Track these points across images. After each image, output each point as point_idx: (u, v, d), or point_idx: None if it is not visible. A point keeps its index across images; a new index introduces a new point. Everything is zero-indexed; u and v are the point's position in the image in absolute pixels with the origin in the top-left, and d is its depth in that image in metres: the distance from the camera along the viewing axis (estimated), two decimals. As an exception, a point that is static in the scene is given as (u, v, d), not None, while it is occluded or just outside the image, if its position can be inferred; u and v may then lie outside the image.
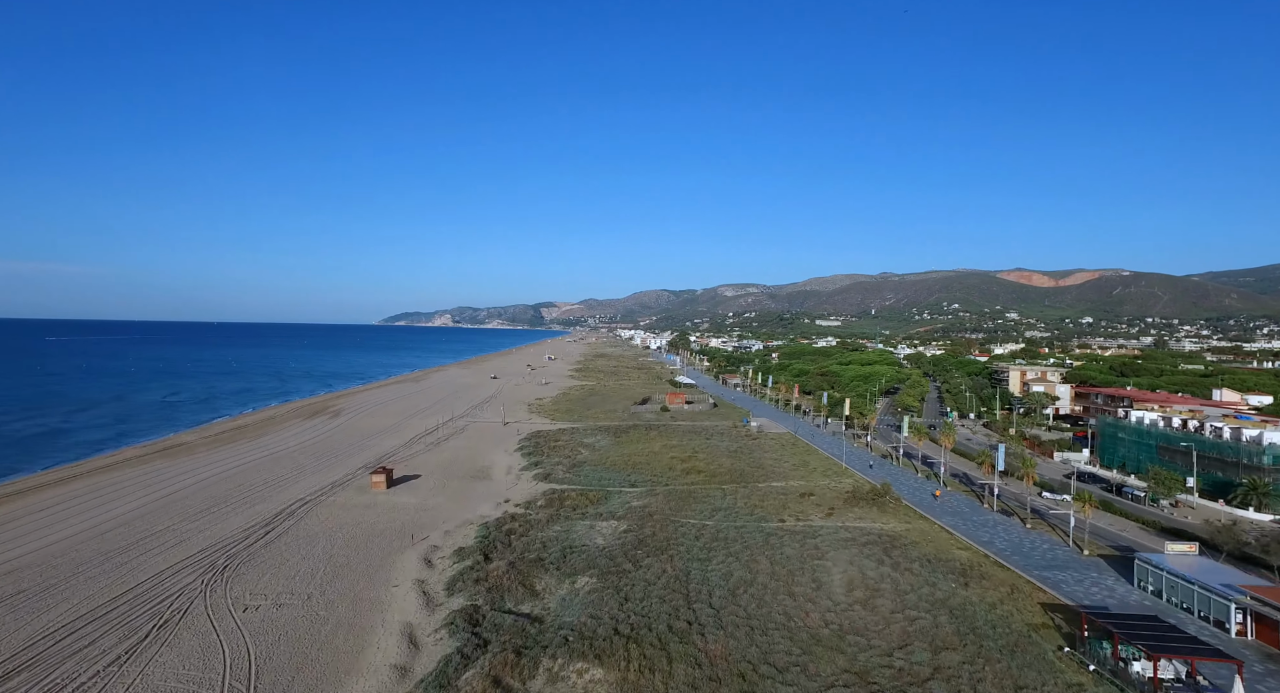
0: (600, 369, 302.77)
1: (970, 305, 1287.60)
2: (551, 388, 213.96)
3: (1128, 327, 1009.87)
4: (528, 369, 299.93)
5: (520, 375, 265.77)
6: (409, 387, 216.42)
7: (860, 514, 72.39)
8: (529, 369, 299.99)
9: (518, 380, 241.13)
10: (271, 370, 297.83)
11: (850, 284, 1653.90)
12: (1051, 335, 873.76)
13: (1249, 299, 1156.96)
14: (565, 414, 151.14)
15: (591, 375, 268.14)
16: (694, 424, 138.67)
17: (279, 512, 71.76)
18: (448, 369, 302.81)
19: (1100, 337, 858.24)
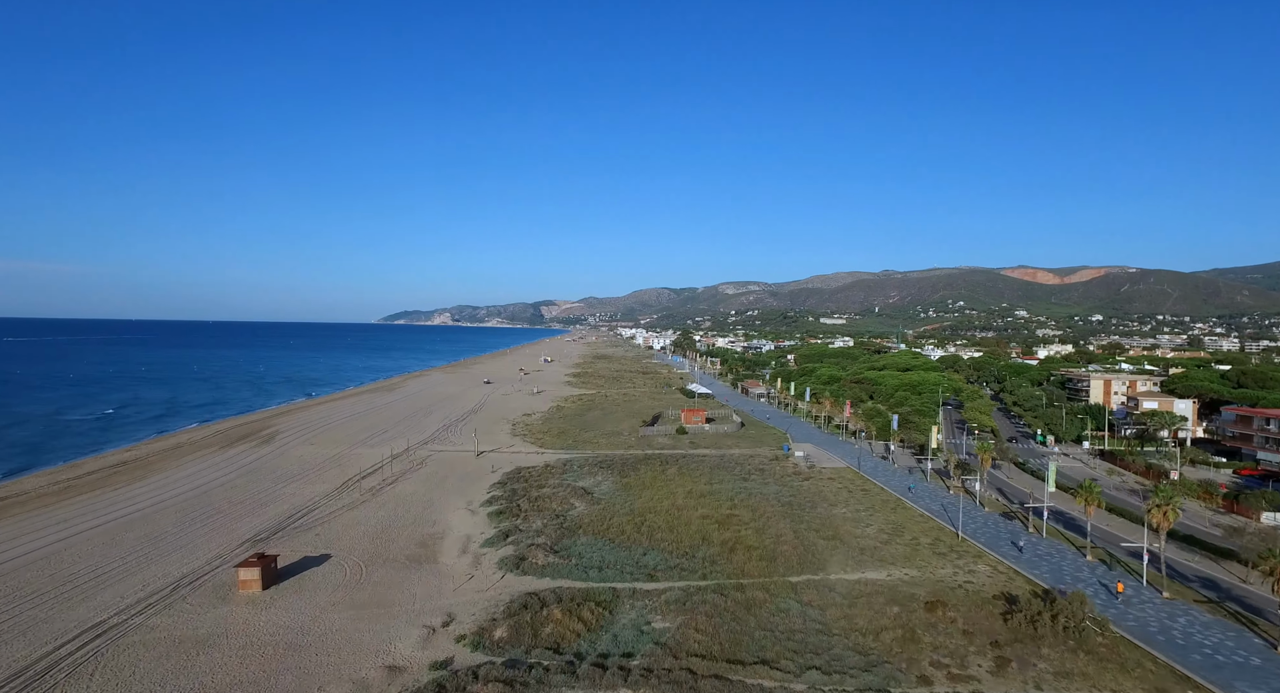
0: (600, 374, 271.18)
1: (976, 303, 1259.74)
2: (544, 398, 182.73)
3: (1139, 324, 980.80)
4: (520, 374, 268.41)
5: (510, 382, 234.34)
6: (377, 398, 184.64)
7: (1054, 662, 40.88)
8: (521, 374, 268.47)
9: (506, 389, 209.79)
10: (251, 376, 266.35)
11: (853, 282, 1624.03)
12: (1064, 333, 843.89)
13: (1260, 296, 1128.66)
14: (557, 438, 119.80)
15: (590, 382, 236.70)
16: (721, 454, 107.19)
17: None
18: (431, 374, 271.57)
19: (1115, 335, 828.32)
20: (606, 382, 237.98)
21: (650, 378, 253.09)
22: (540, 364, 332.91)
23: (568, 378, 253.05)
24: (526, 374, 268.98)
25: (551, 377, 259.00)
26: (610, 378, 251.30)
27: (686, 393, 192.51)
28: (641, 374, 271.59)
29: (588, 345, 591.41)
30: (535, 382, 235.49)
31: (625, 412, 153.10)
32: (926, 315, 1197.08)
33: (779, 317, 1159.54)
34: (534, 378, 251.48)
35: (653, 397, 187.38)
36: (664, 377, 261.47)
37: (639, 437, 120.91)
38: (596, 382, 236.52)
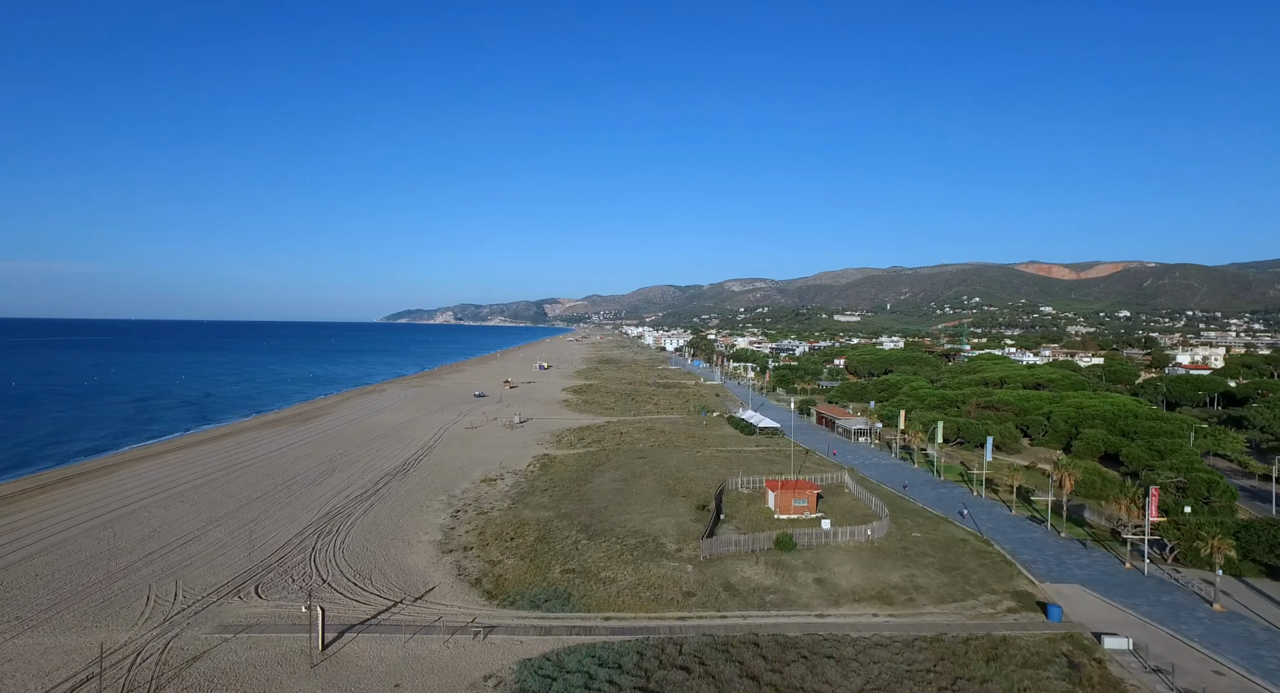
0: (609, 388, 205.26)
1: (992, 299, 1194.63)
2: (527, 437, 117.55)
3: (1169, 320, 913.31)
4: (505, 388, 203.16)
5: (488, 403, 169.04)
6: (258, 443, 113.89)
7: None
8: (506, 388, 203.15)
9: (477, 416, 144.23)
10: (147, 392, 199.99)
11: (862, 278, 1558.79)
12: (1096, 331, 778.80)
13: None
14: (529, 575, 53.66)
15: (596, 401, 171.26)
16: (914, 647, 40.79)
17: None
18: (388, 388, 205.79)
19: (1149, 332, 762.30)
20: (618, 400, 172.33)
21: (676, 394, 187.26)
22: (534, 372, 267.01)
23: (566, 395, 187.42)
24: (513, 388, 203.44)
25: (545, 392, 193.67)
26: (623, 394, 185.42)
27: (740, 426, 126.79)
28: (662, 387, 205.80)
29: (591, 346, 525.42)
30: (522, 401, 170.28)
31: (657, 476, 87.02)
32: (943, 312, 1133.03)
33: (790, 314, 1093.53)
34: (522, 394, 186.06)
35: (692, 433, 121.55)
36: (692, 391, 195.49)
37: (706, 568, 54.67)
38: (604, 402, 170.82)
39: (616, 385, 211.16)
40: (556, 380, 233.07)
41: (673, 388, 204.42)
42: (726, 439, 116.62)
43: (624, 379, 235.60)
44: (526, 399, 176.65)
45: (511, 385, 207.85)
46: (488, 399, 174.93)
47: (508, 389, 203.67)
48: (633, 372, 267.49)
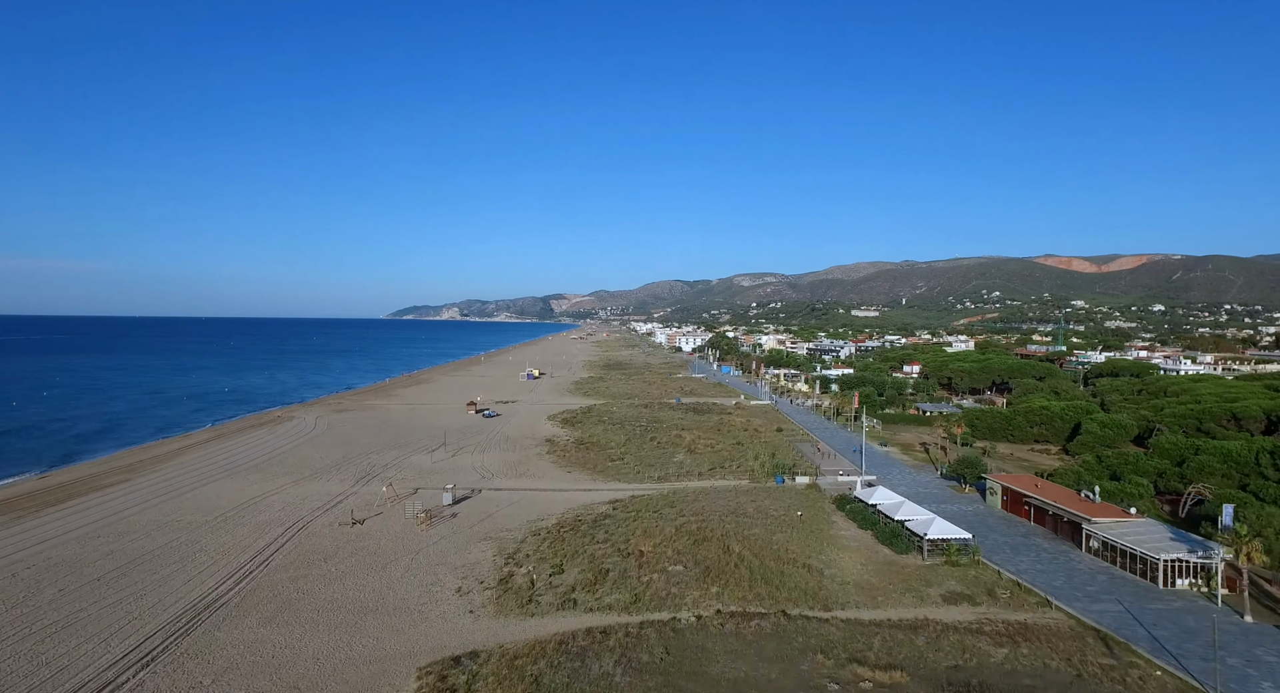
0: (616, 415, 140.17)
1: (1013, 293, 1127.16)
2: (447, 558, 53.97)
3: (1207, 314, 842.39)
4: (470, 413, 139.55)
5: (438, 435, 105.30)
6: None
7: None
8: (472, 413, 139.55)
9: (379, 489, 79.87)
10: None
11: (875, 272, 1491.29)
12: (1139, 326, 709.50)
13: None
14: None
15: (596, 447, 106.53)
16: None
17: None
18: (305, 413, 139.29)
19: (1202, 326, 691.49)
20: (631, 440, 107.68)
21: (716, 426, 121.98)
22: (519, 384, 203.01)
23: (551, 427, 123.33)
24: (479, 412, 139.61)
25: (522, 421, 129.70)
26: (637, 430, 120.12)
27: (873, 523, 61.97)
28: (692, 413, 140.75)
29: (597, 345, 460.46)
30: (481, 441, 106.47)
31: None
32: (963, 307, 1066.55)
33: (806, 309, 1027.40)
34: (483, 430, 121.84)
35: (781, 544, 57.33)
36: (737, 420, 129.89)
37: None
38: (609, 443, 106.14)
39: (626, 408, 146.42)
40: (545, 398, 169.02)
41: (706, 413, 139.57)
42: (865, 560, 52.40)
43: (636, 396, 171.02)
44: (489, 438, 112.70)
45: (478, 410, 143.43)
46: (427, 439, 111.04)
47: (472, 414, 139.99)
48: (646, 383, 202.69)
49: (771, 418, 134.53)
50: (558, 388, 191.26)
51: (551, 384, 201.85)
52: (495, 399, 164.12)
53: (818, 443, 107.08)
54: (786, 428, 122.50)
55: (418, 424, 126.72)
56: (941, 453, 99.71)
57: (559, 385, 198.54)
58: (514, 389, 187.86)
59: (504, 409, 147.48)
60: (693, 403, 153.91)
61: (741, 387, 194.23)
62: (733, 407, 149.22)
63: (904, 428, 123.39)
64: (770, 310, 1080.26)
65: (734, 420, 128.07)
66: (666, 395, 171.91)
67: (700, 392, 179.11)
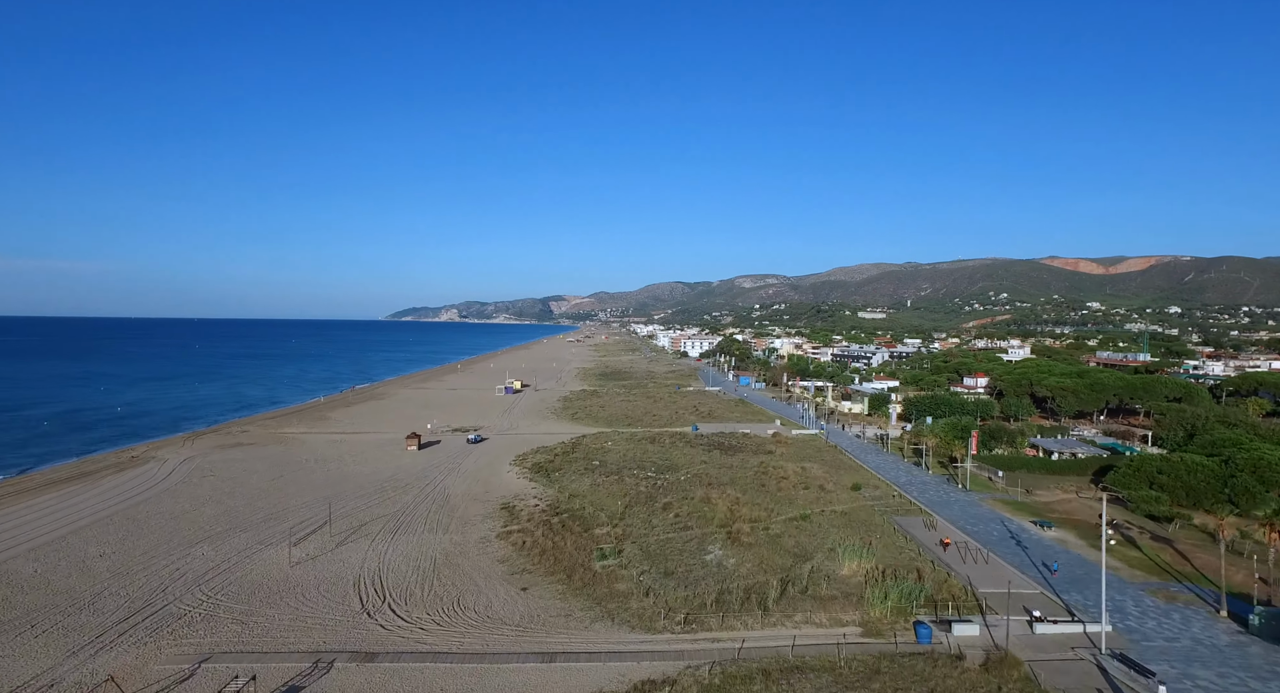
0: (619, 455, 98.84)
1: (1022, 294, 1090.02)
2: None
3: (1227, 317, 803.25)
4: (410, 449, 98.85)
5: (346, 493, 64.84)
6: None
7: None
8: (411, 447, 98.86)
9: (214, 597, 39.34)
10: None
11: (879, 274, 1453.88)
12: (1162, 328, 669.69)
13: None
14: None
15: (583, 513, 66.02)
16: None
17: None
18: (171, 451, 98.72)
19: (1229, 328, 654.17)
20: (643, 518, 67.10)
21: (767, 486, 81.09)
22: (495, 399, 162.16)
23: (519, 482, 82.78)
24: (423, 447, 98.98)
25: (475, 470, 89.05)
26: (648, 488, 79.31)
27: None
28: (720, 451, 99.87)
29: (594, 349, 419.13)
30: (393, 519, 65.71)
31: None
32: (971, 308, 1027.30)
33: (811, 310, 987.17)
34: (413, 487, 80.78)
35: None
36: (791, 472, 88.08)
37: None
38: (605, 533, 65.57)
39: (626, 443, 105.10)
40: (519, 423, 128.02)
41: (737, 451, 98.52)
42: None
43: (639, 420, 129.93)
44: (415, 500, 71.92)
45: (420, 444, 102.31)
46: (312, 508, 70.08)
47: (412, 450, 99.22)
48: (651, 400, 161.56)
49: (832, 461, 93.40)
50: (540, 407, 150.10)
51: (533, 401, 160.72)
52: (453, 425, 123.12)
53: (933, 519, 65.89)
54: (865, 482, 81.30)
55: (322, 473, 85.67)
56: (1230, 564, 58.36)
57: (542, 403, 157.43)
58: (484, 408, 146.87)
59: (462, 442, 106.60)
60: (715, 433, 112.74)
61: (770, 406, 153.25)
62: (770, 439, 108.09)
63: (1027, 479, 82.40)
64: (774, 312, 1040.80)
65: (782, 467, 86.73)
66: (678, 418, 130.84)
67: (721, 414, 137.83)
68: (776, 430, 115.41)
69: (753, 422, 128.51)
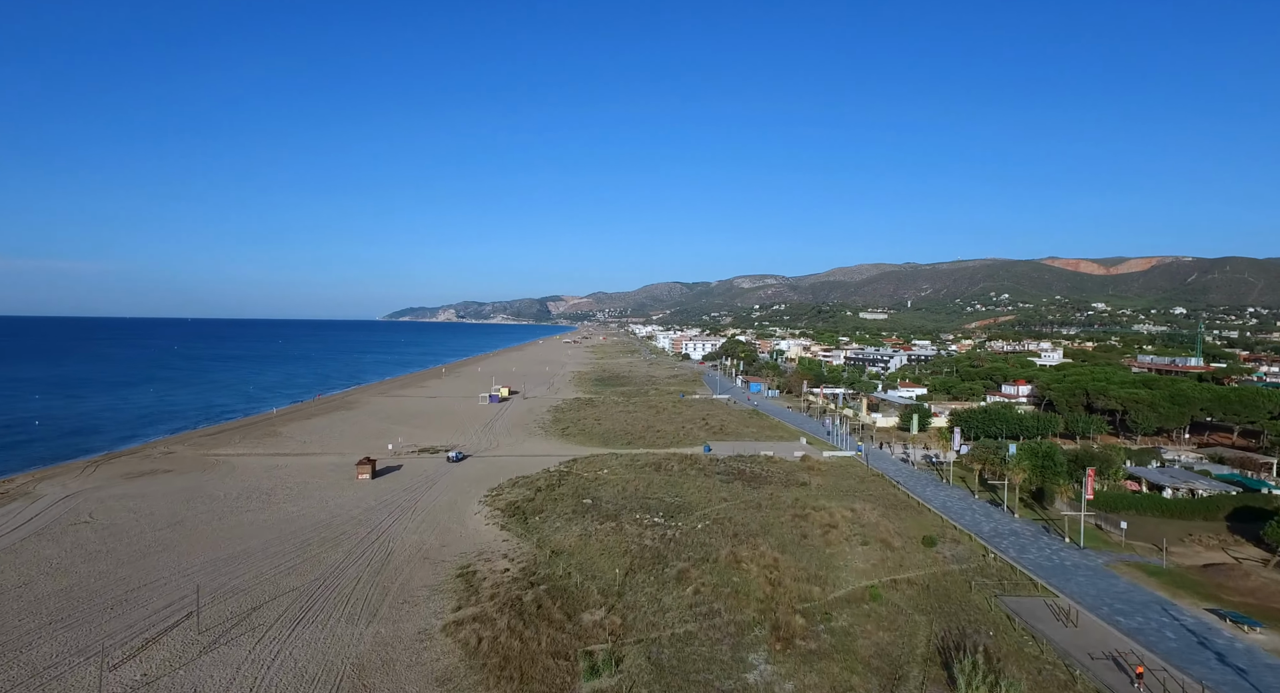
0: (616, 487, 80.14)
1: (1023, 295, 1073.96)
2: None
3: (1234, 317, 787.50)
4: (362, 478, 79.59)
5: (246, 552, 45.73)
6: None
7: None
8: (364, 479, 79.66)
9: None
10: None
11: (878, 274, 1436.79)
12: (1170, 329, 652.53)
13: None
14: None
15: (570, 590, 47.09)
16: None
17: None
18: (107, 467, 78.77)
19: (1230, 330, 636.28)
20: (649, 594, 48.44)
21: (828, 568, 62.28)
22: (478, 409, 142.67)
23: (487, 530, 63.64)
24: (375, 475, 79.80)
25: (434, 510, 70.01)
26: (655, 541, 60.68)
27: None
28: (740, 480, 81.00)
29: (591, 351, 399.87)
30: (299, 609, 47.10)
31: None
32: (973, 309, 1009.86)
33: (812, 311, 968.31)
34: (344, 540, 61.43)
35: None
36: (884, 542, 69.00)
37: None
38: (597, 621, 46.66)
39: (625, 469, 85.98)
40: (500, 441, 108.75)
41: (762, 483, 79.58)
42: None
43: (640, 437, 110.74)
44: (347, 564, 52.76)
45: (374, 471, 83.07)
46: (169, 588, 50.97)
47: (361, 479, 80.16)
48: (653, 411, 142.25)
49: (884, 496, 74.17)
50: (527, 420, 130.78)
51: (520, 412, 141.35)
52: (421, 444, 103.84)
53: (1066, 606, 46.44)
54: (937, 531, 62.02)
55: (236, 518, 66.31)
56: None
57: (530, 414, 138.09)
58: (462, 421, 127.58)
59: (427, 466, 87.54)
60: (732, 457, 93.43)
61: (790, 418, 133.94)
62: (799, 463, 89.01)
63: (1139, 525, 63.27)
64: (774, 312, 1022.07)
65: (825, 510, 67.52)
66: (686, 435, 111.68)
67: (735, 429, 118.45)
68: (805, 452, 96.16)
69: (773, 439, 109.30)
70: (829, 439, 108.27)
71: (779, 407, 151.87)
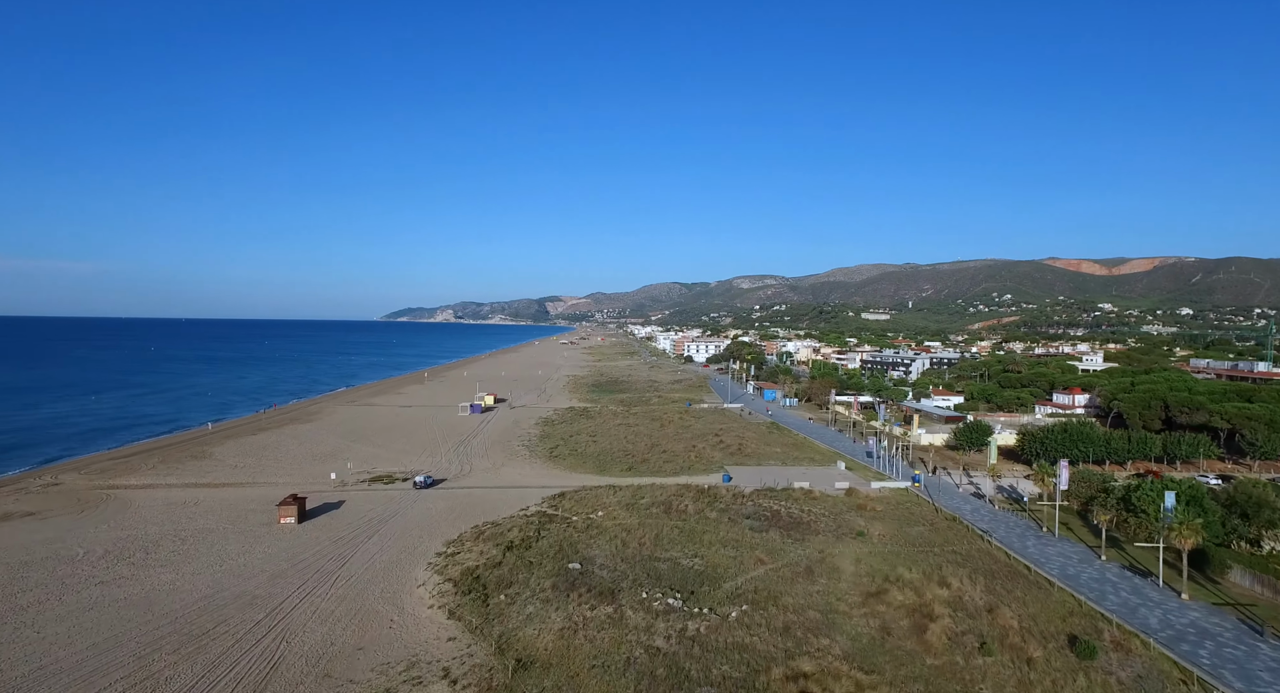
0: (615, 540, 60.70)
1: (1026, 296, 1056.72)
2: None
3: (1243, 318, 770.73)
4: (284, 522, 60.14)
5: None
6: None
7: None
8: (286, 523, 60.24)
9: None
10: None
11: (879, 274, 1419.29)
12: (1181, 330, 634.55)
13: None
14: None
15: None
16: None
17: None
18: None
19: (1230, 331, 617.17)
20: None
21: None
22: (456, 421, 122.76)
23: (430, 619, 44.29)
24: (304, 517, 60.57)
25: (369, 569, 50.98)
26: (669, 673, 41.46)
27: None
28: (776, 528, 61.71)
29: (588, 352, 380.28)
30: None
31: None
32: (975, 310, 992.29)
33: (813, 312, 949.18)
34: (216, 648, 42.27)
35: None
36: (943, 624, 50.71)
37: None
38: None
39: (625, 510, 66.62)
40: (477, 464, 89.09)
41: (805, 533, 60.23)
42: None
43: (645, 461, 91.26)
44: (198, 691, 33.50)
45: (302, 511, 63.61)
46: None
47: (285, 523, 60.72)
48: (657, 424, 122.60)
49: (974, 555, 54.68)
50: (510, 436, 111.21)
51: (504, 425, 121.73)
52: (377, 470, 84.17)
53: None
54: (1084, 622, 42.60)
55: (78, 597, 46.82)
56: None
57: (516, 428, 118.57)
58: (434, 438, 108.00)
59: (374, 504, 68.09)
60: (760, 490, 73.79)
61: (817, 434, 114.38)
62: (847, 501, 69.51)
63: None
64: (774, 313, 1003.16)
65: (905, 585, 48.20)
66: (698, 457, 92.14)
67: (756, 449, 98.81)
68: (849, 483, 76.60)
69: (804, 462, 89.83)
70: (872, 463, 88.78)
71: (800, 418, 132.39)
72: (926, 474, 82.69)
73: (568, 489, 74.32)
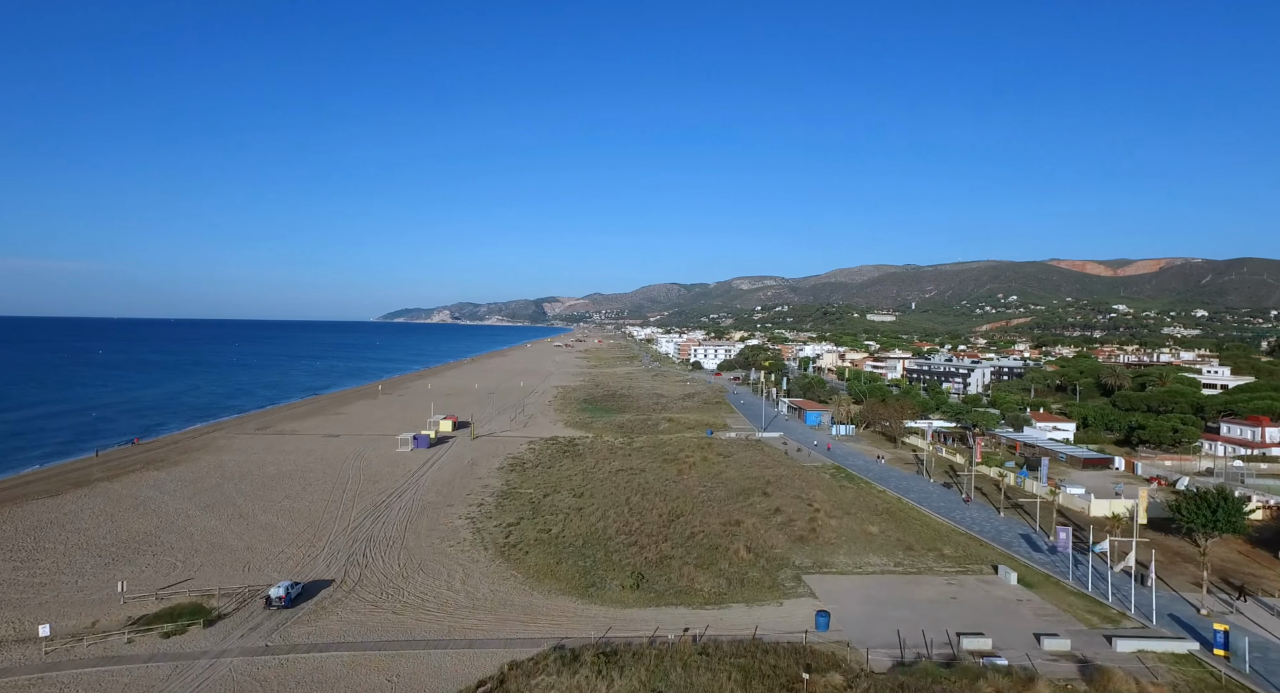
0: None
1: (1031, 297, 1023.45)
2: None
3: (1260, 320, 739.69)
4: None
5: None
6: None
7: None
8: None
9: None
10: None
11: (879, 275, 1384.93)
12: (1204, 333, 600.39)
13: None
14: None
15: None
16: None
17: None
18: None
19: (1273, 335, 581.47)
20: None
21: None
22: (391, 462, 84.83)
23: None
24: None
25: None
26: None
27: None
28: None
29: (584, 356, 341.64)
30: None
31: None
32: (981, 311, 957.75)
33: (817, 313, 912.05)
34: None
35: None
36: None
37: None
38: None
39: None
40: (360, 579, 51.18)
41: None
42: None
43: (663, 569, 53.53)
44: None
45: None
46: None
47: None
48: (669, 464, 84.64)
49: None
50: (455, 493, 73.30)
51: (452, 472, 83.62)
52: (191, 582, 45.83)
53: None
54: None
55: None
56: None
57: (467, 479, 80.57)
58: (342, 498, 70.07)
59: None
60: (897, 665, 35.96)
61: (908, 488, 76.61)
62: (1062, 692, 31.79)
63: None
64: (776, 314, 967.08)
65: None
66: (745, 552, 54.42)
67: (837, 530, 60.83)
68: (1066, 641, 38.56)
69: (930, 559, 52.05)
70: (1058, 567, 50.78)
71: (867, 457, 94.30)
72: (1098, 568, 44.73)
73: (516, 657, 36.24)
